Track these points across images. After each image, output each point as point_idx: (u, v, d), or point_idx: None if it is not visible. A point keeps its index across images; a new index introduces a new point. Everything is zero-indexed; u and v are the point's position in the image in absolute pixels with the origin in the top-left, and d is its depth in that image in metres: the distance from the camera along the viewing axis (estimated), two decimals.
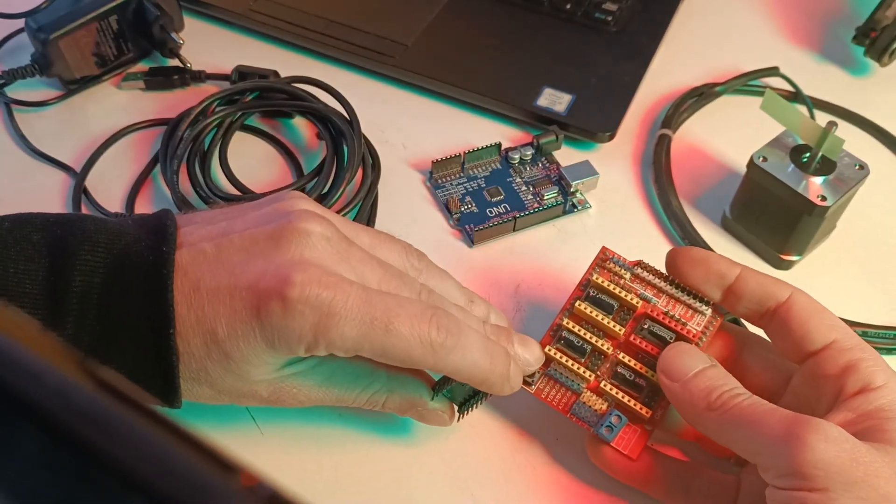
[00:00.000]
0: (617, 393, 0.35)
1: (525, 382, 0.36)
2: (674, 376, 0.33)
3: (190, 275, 0.31)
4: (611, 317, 0.36)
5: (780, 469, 0.29)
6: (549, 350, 0.36)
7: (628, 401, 0.35)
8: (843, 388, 0.32)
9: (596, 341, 0.36)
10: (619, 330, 0.36)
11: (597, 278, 0.37)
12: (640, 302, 0.36)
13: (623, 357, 0.36)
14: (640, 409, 0.35)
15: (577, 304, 0.37)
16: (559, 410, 0.36)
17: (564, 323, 0.37)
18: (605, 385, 0.35)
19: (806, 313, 0.34)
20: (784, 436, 0.29)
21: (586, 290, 0.37)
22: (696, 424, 0.33)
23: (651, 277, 0.37)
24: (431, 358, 0.32)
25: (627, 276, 0.37)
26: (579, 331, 0.36)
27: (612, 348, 0.36)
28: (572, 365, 0.36)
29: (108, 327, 0.31)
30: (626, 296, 0.36)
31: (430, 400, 0.36)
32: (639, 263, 0.38)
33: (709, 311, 0.36)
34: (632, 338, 0.36)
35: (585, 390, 0.36)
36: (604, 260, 0.38)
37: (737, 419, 0.31)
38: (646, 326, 0.36)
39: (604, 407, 0.35)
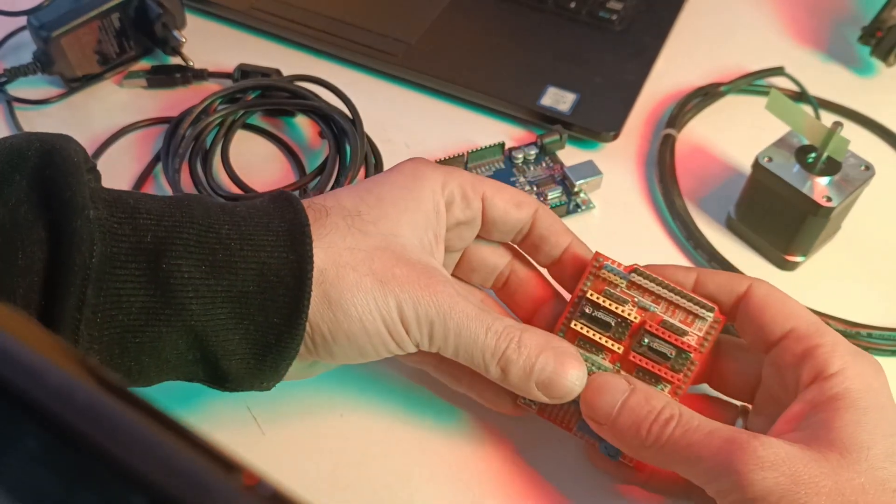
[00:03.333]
0: None
1: (526, 403, 0.36)
2: (600, 419, 0.32)
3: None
4: (608, 334, 0.35)
5: (726, 498, 0.29)
6: None
7: None
8: (799, 377, 0.32)
9: (594, 358, 0.35)
10: (618, 347, 0.35)
11: (591, 294, 0.35)
12: (638, 315, 0.35)
13: (622, 374, 0.35)
14: None
15: (572, 324, 0.36)
16: (564, 429, 0.36)
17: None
18: None
19: (763, 303, 0.34)
20: (721, 469, 0.29)
21: (580, 305, 0.36)
22: (637, 457, 0.33)
23: (648, 283, 0.36)
24: (529, 198, 0.37)
25: (623, 283, 0.36)
26: (576, 348, 0.35)
27: (610, 363, 0.35)
28: None
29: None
30: (622, 310, 0.35)
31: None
32: (634, 269, 0.36)
33: (710, 316, 0.35)
34: (631, 356, 0.35)
35: None
36: (597, 268, 0.36)
37: (673, 454, 0.31)
38: (645, 342, 0.35)
39: None
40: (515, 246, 0.39)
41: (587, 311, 0.36)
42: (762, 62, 0.56)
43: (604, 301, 0.35)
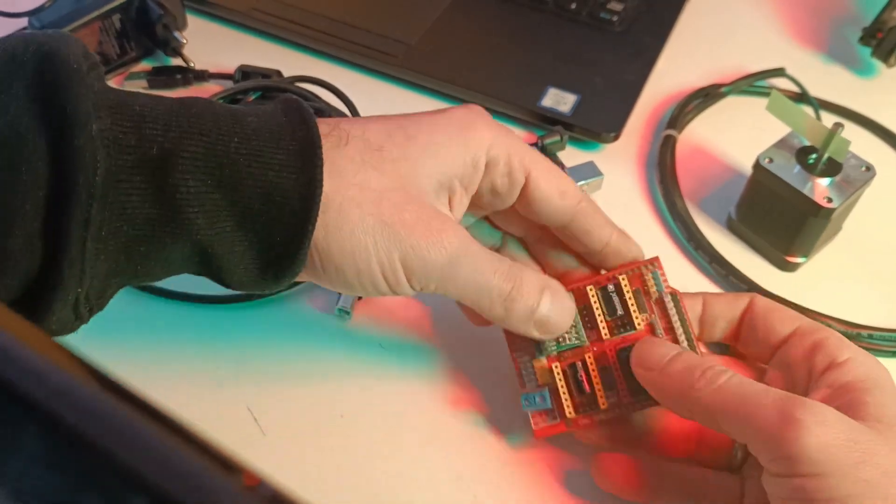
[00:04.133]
0: (559, 380, 0.35)
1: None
2: (650, 365, 0.33)
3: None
4: (609, 319, 0.36)
5: (776, 452, 0.28)
6: None
7: (562, 392, 0.35)
8: (812, 367, 0.32)
9: (580, 328, 0.36)
10: (605, 335, 0.36)
11: (625, 281, 0.36)
12: (644, 328, 0.36)
13: (588, 358, 0.36)
14: (567, 406, 0.35)
15: (588, 288, 0.36)
16: (510, 352, 0.37)
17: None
18: (555, 367, 0.36)
19: (766, 311, 0.36)
20: (779, 420, 0.28)
21: (608, 281, 0.36)
22: (682, 411, 0.32)
23: (672, 312, 0.35)
24: (575, 189, 0.36)
25: (655, 296, 0.36)
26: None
27: (588, 343, 0.36)
28: None
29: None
30: (635, 314, 0.36)
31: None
32: (673, 293, 0.36)
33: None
34: (608, 351, 0.36)
35: (542, 360, 0.36)
36: (647, 269, 0.36)
37: (725, 401, 0.30)
38: (625, 355, 0.35)
39: (545, 381, 0.36)
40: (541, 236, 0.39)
41: (609, 288, 0.36)
42: (763, 63, 0.56)
43: (628, 295, 0.36)
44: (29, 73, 0.27)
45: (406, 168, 0.32)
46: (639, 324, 0.35)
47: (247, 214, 0.30)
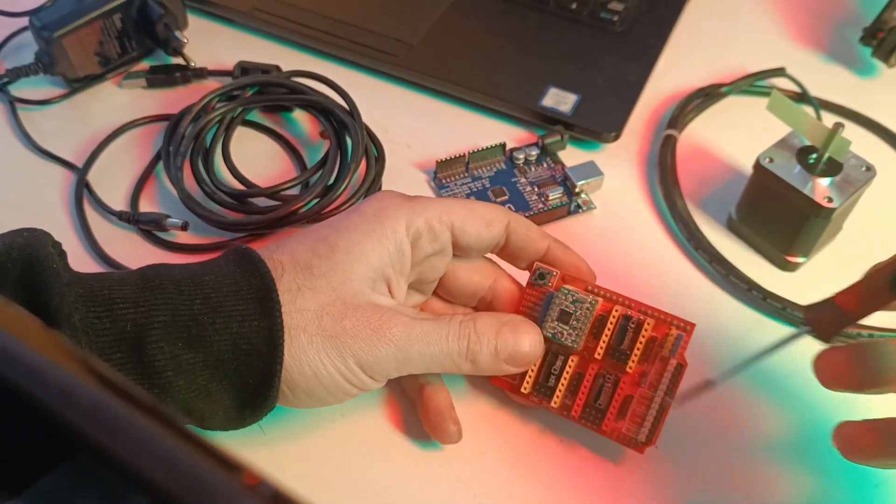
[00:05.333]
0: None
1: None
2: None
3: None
4: (612, 344, 0.36)
5: None
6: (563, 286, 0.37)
7: (532, 368, 0.37)
8: None
9: (582, 332, 0.36)
10: (599, 354, 0.36)
11: (649, 325, 0.36)
12: (634, 371, 0.36)
13: (572, 361, 0.37)
14: (528, 381, 0.36)
15: (615, 307, 0.36)
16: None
17: (586, 291, 0.37)
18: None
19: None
20: None
21: (635, 314, 0.36)
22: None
23: (666, 380, 0.35)
24: (500, 213, 0.37)
25: (663, 354, 0.35)
26: (581, 312, 0.36)
27: (579, 348, 0.36)
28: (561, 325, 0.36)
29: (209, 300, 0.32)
30: (634, 358, 0.36)
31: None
32: (681, 363, 0.35)
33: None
34: (592, 366, 0.36)
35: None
36: (679, 327, 0.36)
37: None
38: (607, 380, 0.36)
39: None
40: (494, 257, 0.40)
41: (631, 319, 0.36)
42: (763, 63, 0.56)
43: (643, 338, 0.36)
44: (13, 279, 0.31)
45: (337, 277, 0.34)
46: (630, 367, 0.36)
47: (219, 366, 0.32)
